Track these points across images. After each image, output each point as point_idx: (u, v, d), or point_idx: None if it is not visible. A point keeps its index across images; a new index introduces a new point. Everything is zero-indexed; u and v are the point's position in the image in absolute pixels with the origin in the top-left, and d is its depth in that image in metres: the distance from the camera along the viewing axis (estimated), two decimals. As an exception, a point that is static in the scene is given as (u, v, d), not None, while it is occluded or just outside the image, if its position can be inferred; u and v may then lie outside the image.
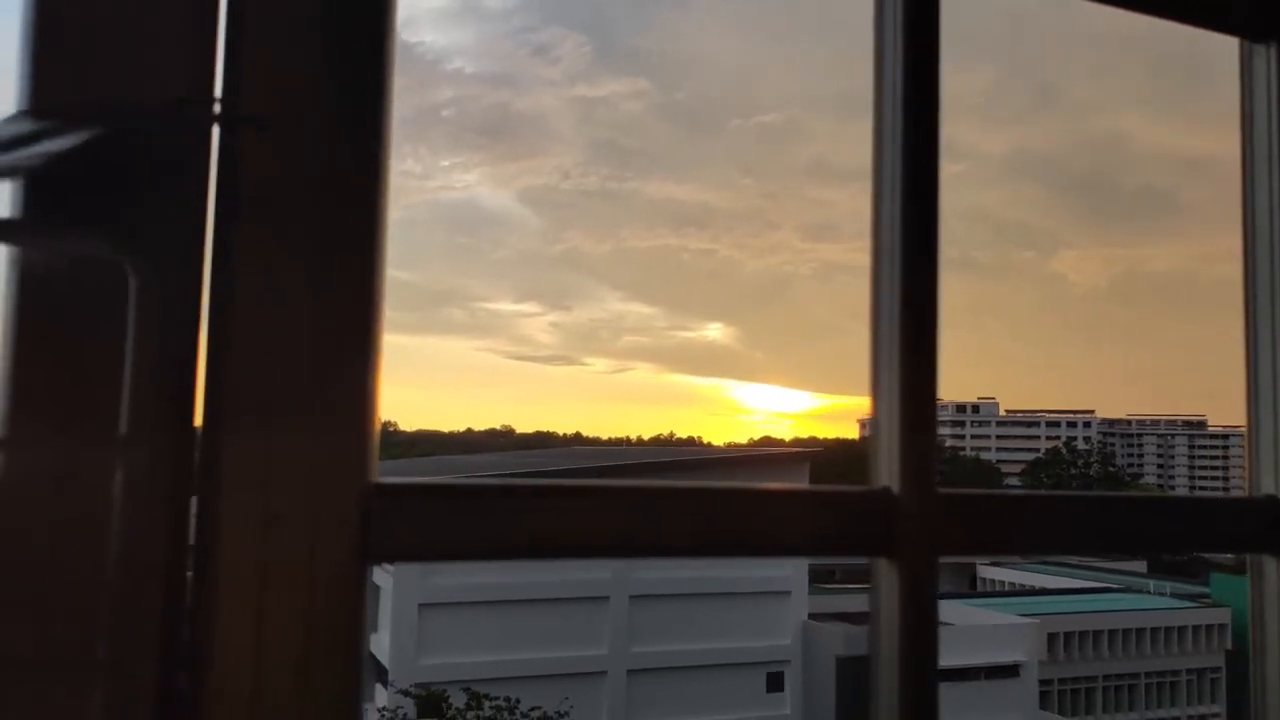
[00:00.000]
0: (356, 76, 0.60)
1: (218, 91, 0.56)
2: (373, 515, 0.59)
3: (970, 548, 0.81)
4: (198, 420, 0.55)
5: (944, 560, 0.79)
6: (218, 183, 0.57)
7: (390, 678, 15.76)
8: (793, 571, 20.46)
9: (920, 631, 0.74)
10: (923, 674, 0.75)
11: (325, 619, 0.57)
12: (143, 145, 0.53)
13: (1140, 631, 25.12)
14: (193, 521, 0.55)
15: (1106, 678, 24.92)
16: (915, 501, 0.75)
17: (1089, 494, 0.86)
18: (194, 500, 0.55)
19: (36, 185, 0.50)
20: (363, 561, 0.58)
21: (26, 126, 0.49)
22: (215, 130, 0.55)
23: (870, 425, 0.80)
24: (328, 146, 0.58)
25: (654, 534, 0.68)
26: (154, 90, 0.54)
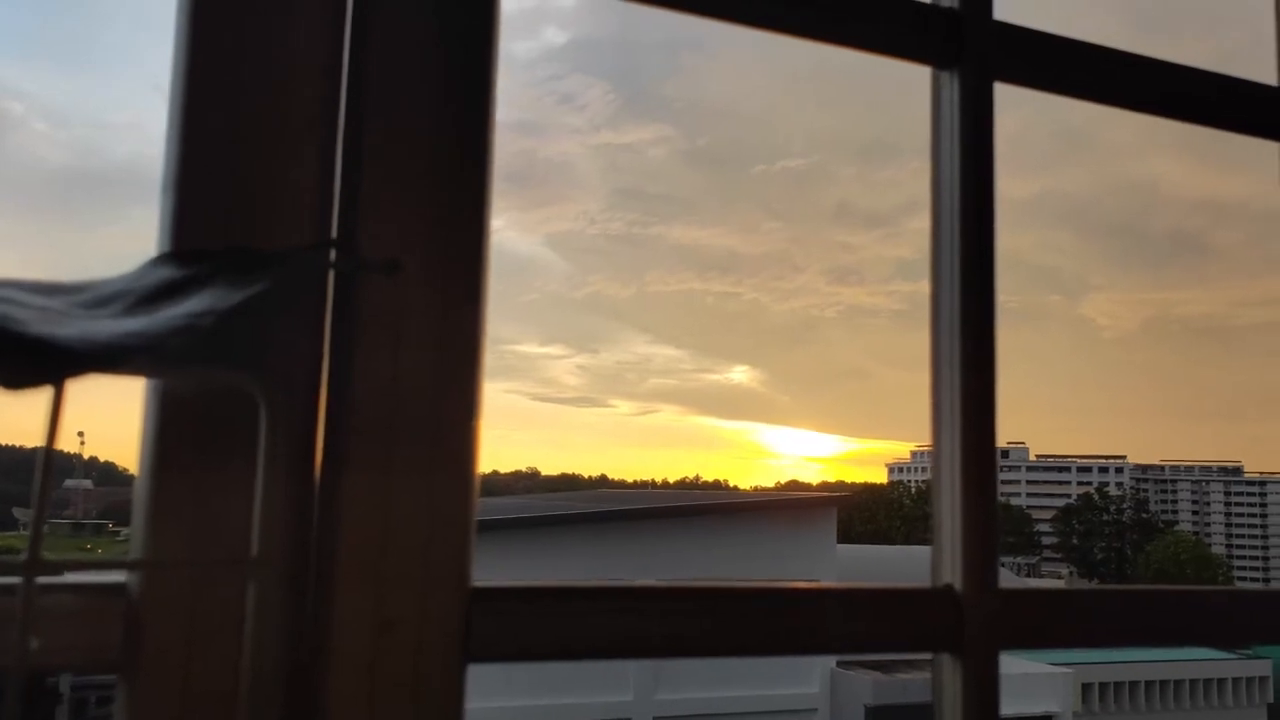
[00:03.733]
0: (463, 207, 0.65)
1: (334, 231, 0.61)
2: (473, 617, 0.63)
3: (1031, 642, 0.83)
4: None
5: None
6: (334, 310, 0.61)
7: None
8: (821, 619, 20.17)
9: (984, 725, 0.77)
10: (986, 767, 0.77)
11: (431, 716, 0.60)
12: (276, 285, 0.58)
13: (1179, 683, 24.56)
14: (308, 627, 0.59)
15: (1144, 731, 24.34)
16: (978, 599, 0.78)
17: (1150, 588, 0.88)
18: (311, 611, 0.59)
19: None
20: (464, 662, 0.62)
21: (171, 273, 0.54)
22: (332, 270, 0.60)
23: (933, 522, 0.83)
24: (438, 275, 0.63)
25: (733, 632, 0.71)
26: (280, 234, 0.59)
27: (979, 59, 0.84)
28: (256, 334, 0.58)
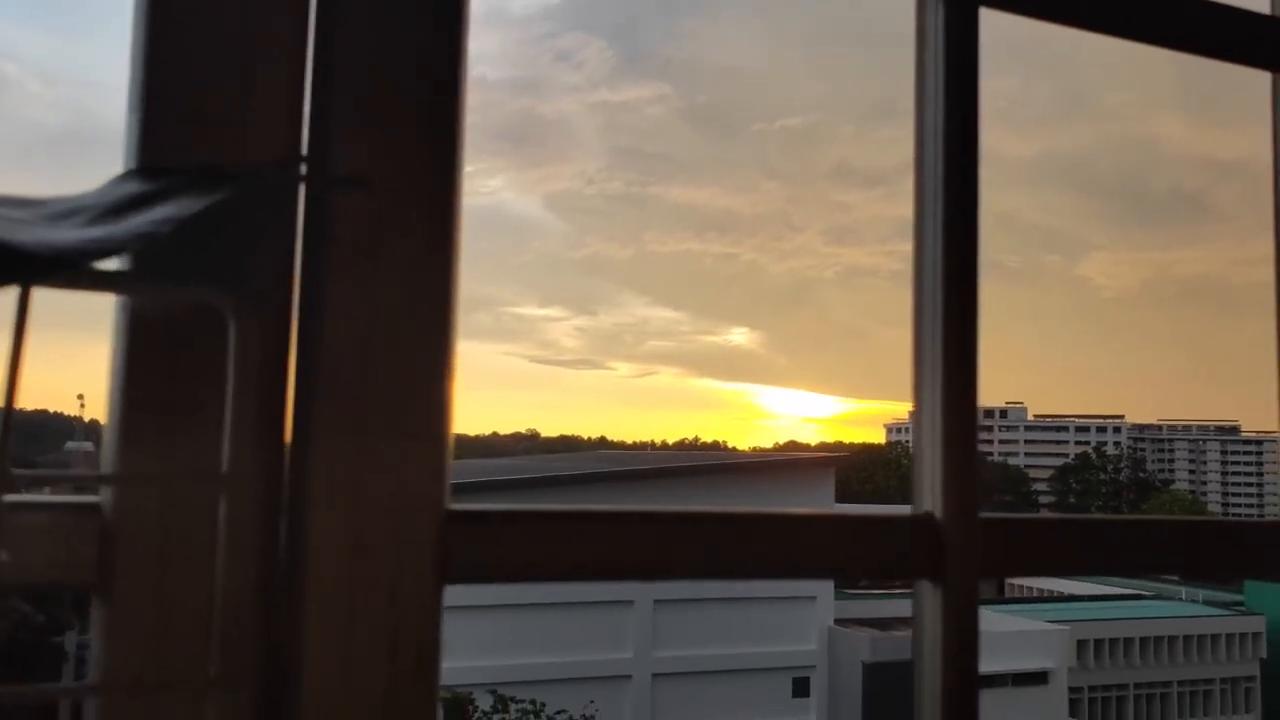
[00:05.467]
0: (434, 124, 0.64)
1: (305, 145, 0.61)
2: (450, 539, 0.63)
3: (1010, 570, 0.84)
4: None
5: (984, 581, 0.82)
6: (305, 225, 0.61)
7: (417, 681, 15.86)
8: (818, 577, 20.37)
9: (962, 651, 0.77)
10: (965, 692, 0.78)
11: (408, 638, 0.61)
12: (240, 203, 0.57)
13: (1173, 639, 24.85)
14: (283, 545, 0.59)
15: (1138, 686, 24.66)
16: (958, 526, 0.78)
17: (1126, 517, 0.89)
18: (284, 527, 0.59)
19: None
20: (441, 583, 0.62)
21: (136, 187, 0.54)
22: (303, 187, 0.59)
23: (913, 450, 0.83)
24: (409, 191, 0.62)
25: (713, 557, 0.71)
26: (251, 148, 0.59)
27: (964, -18, 0.83)
28: (225, 252, 0.58)
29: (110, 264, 0.55)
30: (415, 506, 0.61)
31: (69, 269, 0.44)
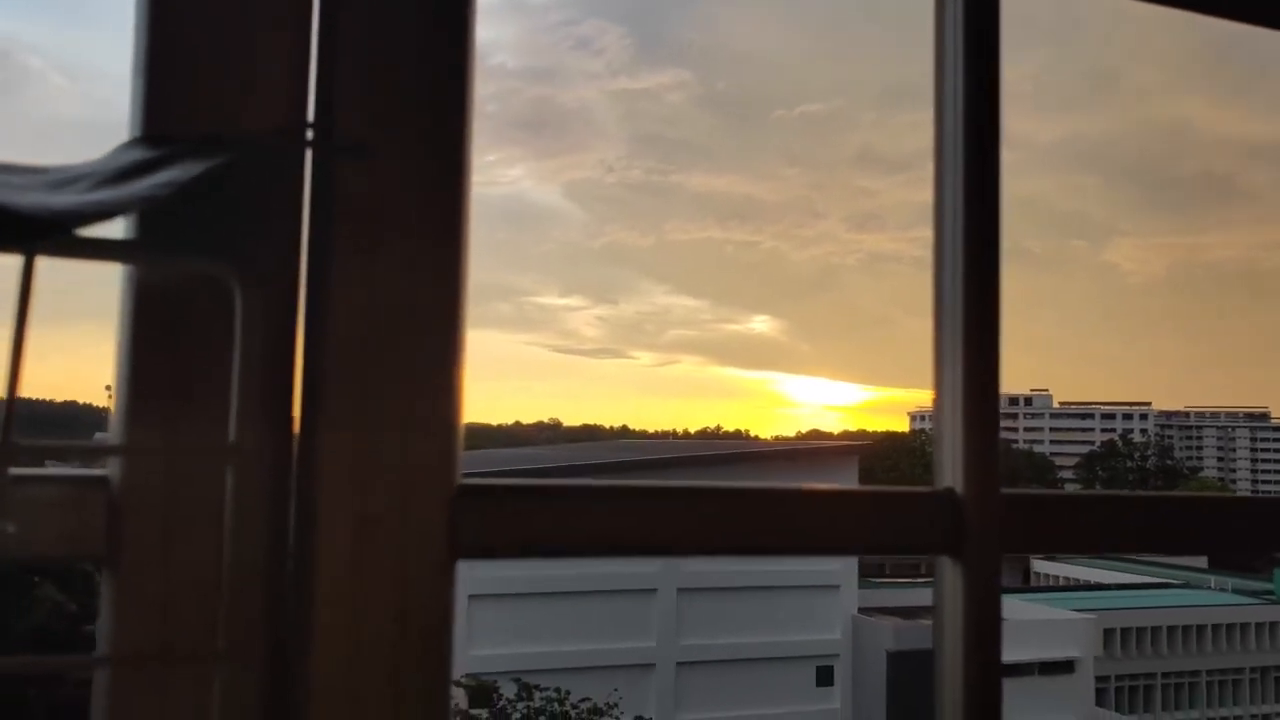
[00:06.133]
0: (440, 96, 0.63)
1: (310, 116, 0.60)
2: (460, 515, 0.62)
3: (1031, 546, 0.82)
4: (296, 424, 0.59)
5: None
6: (311, 200, 0.60)
7: (442, 668, 15.94)
8: (842, 566, 20.36)
9: (984, 628, 0.76)
10: (987, 670, 0.76)
11: (417, 614, 0.60)
12: (244, 170, 0.56)
13: (1201, 628, 24.61)
14: (292, 520, 0.58)
15: (1166, 675, 24.44)
16: (979, 502, 0.76)
17: (1148, 494, 0.87)
18: (292, 501, 0.58)
19: (150, 209, 0.54)
20: (452, 559, 0.61)
21: (139, 155, 0.53)
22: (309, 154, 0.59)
23: (934, 426, 0.81)
24: (415, 163, 0.62)
25: (728, 532, 0.70)
26: (254, 119, 0.58)
27: (984, -54, 0.81)
28: (231, 223, 0.57)
29: (116, 233, 0.55)
30: (425, 481, 0.61)
31: (66, 231, 0.43)
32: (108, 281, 0.58)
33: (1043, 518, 0.81)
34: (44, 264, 0.49)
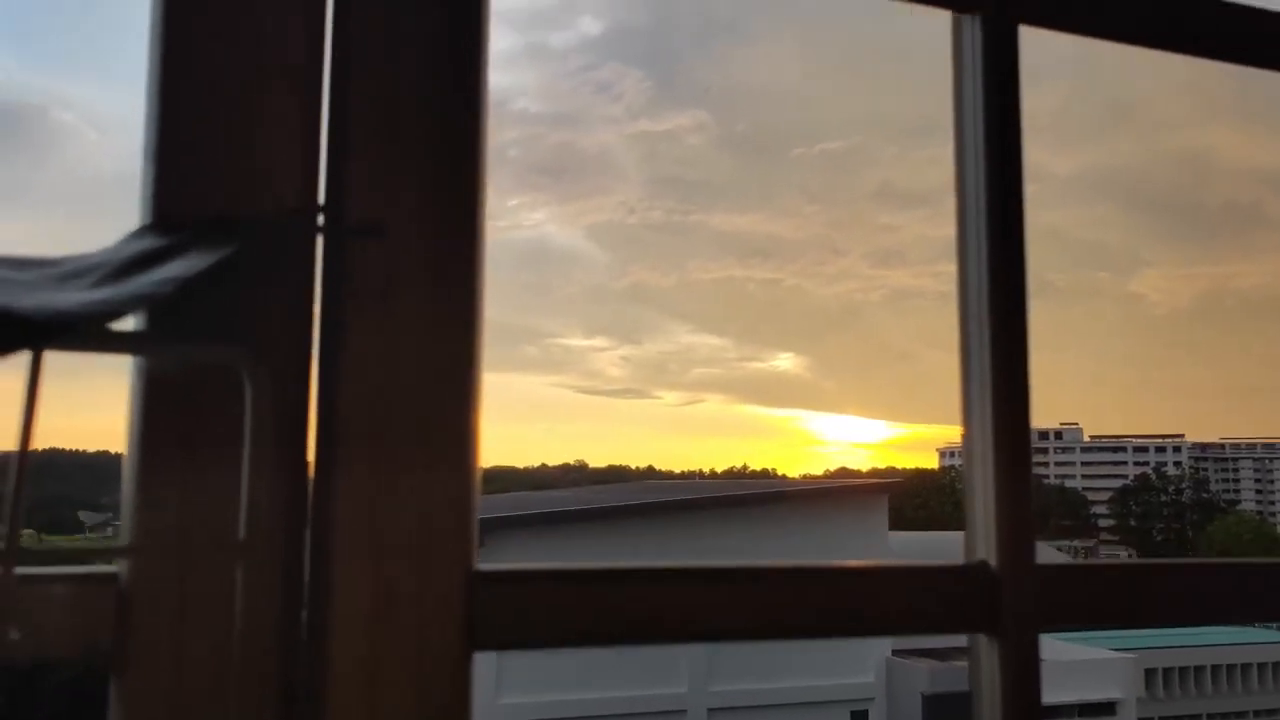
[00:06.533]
0: (452, 171, 0.62)
1: (321, 198, 0.59)
2: (477, 603, 0.60)
3: (1071, 620, 0.79)
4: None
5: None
6: (323, 281, 0.59)
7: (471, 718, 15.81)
8: (874, 606, 19.96)
9: (1024, 709, 0.73)
10: (1029, 751, 0.73)
11: (434, 711, 0.58)
12: (255, 253, 0.55)
13: (1246, 666, 23.97)
14: (305, 616, 0.57)
15: (1211, 716, 23.80)
16: (1014, 576, 0.73)
17: (1197, 560, 0.84)
18: (305, 595, 0.57)
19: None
20: (469, 651, 0.59)
21: (149, 244, 0.52)
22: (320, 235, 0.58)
23: (964, 493, 0.79)
24: (428, 241, 0.60)
25: (755, 615, 0.68)
26: (265, 201, 0.57)
27: (1001, 0, 0.80)
28: (240, 307, 0.56)
29: (125, 323, 0.54)
30: (440, 571, 0.59)
31: (69, 334, 0.42)
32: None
33: (1081, 590, 0.78)
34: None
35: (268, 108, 0.58)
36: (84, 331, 0.45)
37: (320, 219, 0.57)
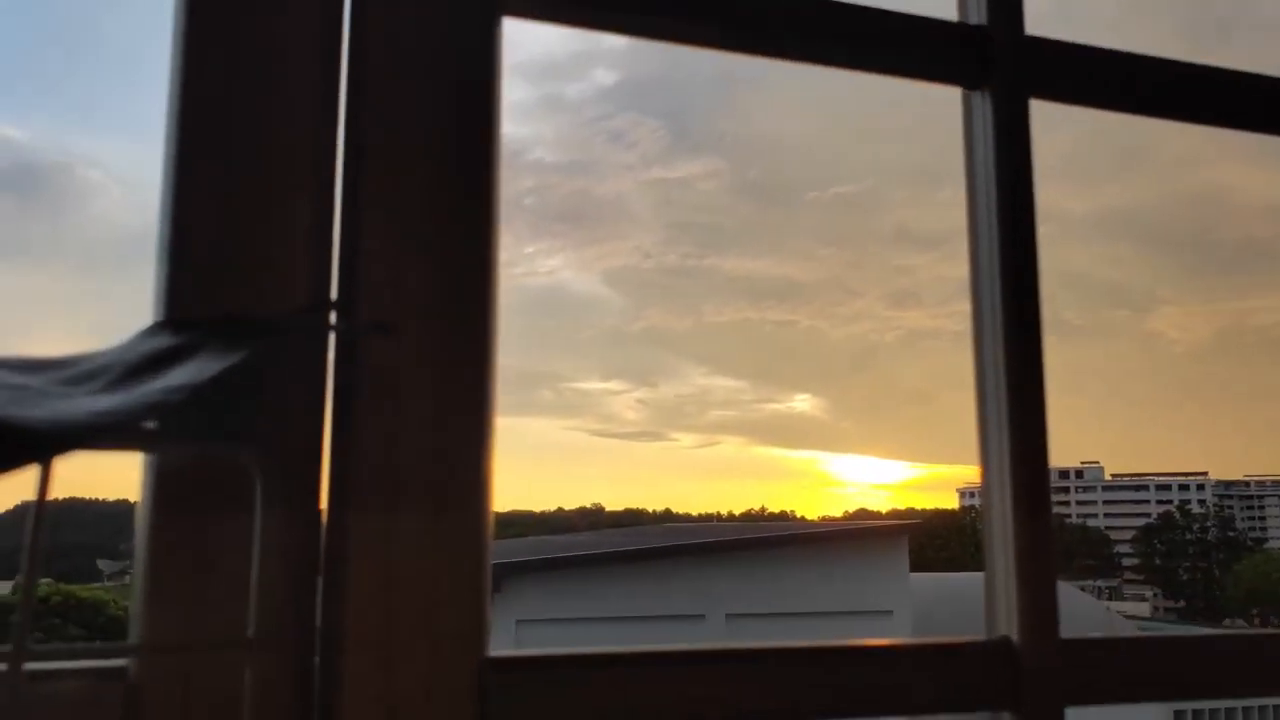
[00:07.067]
0: (464, 265, 0.62)
1: (334, 294, 0.59)
2: (489, 690, 0.59)
3: (1096, 697, 0.77)
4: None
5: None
6: (335, 375, 0.59)
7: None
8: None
9: (1051, 791, 0.71)
10: (1056, 835, 0.71)
11: (445, 805, 0.57)
12: (267, 353, 0.56)
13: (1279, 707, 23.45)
14: (316, 714, 0.56)
15: (1243, 760, 23.22)
16: (1037, 651, 0.72)
17: (1231, 632, 0.82)
18: (316, 690, 0.56)
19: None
20: (480, 742, 0.59)
21: (161, 343, 0.52)
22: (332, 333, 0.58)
23: (986, 567, 0.78)
24: (442, 337, 0.61)
25: (773, 696, 0.67)
26: (277, 298, 0.57)
27: (1010, 77, 0.80)
28: (251, 405, 0.56)
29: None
30: (453, 660, 0.58)
31: (75, 447, 0.42)
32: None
33: (1107, 665, 0.77)
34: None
35: (280, 205, 0.59)
36: (82, 447, 0.45)
37: (333, 317, 0.58)
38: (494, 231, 0.63)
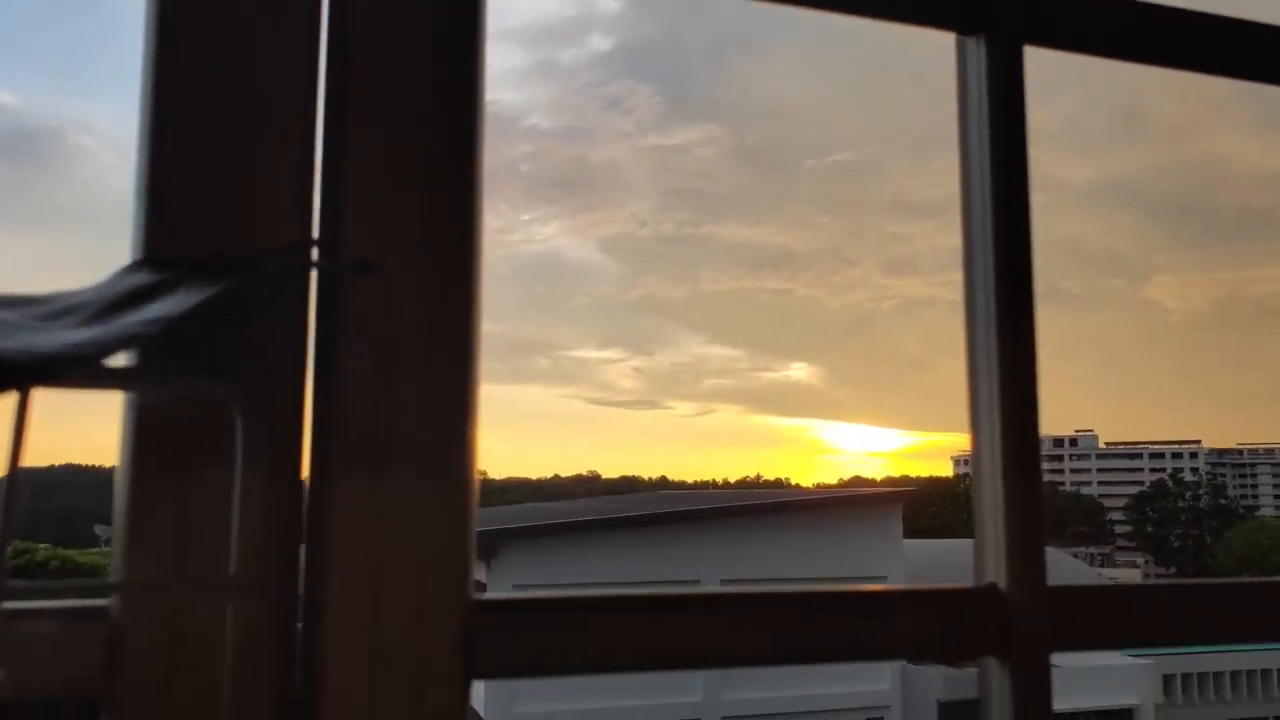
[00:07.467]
0: (449, 202, 0.61)
1: (315, 233, 0.58)
2: (476, 634, 0.59)
3: (1083, 643, 0.78)
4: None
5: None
6: (317, 316, 0.58)
7: (486, 728, 15.80)
8: (889, 615, 19.86)
9: (1036, 736, 0.71)
10: (1040, 779, 0.71)
11: (431, 744, 0.57)
12: (247, 290, 0.55)
13: (1267, 673, 23.72)
14: (299, 651, 0.56)
15: (1230, 723, 23.54)
16: (1025, 598, 0.72)
17: (1213, 581, 0.82)
18: (299, 631, 0.56)
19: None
20: (468, 680, 0.59)
21: (139, 280, 0.52)
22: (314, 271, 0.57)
23: (975, 515, 0.77)
24: (425, 274, 0.60)
25: (754, 642, 0.67)
26: (259, 237, 0.56)
27: (1005, 22, 0.79)
28: (232, 342, 0.55)
29: (116, 359, 0.54)
30: (438, 603, 0.58)
31: (52, 376, 0.41)
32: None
33: (1094, 612, 0.77)
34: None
35: (261, 143, 0.58)
36: (59, 375, 0.45)
37: (315, 255, 0.57)
38: (478, 174, 0.62)
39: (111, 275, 0.54)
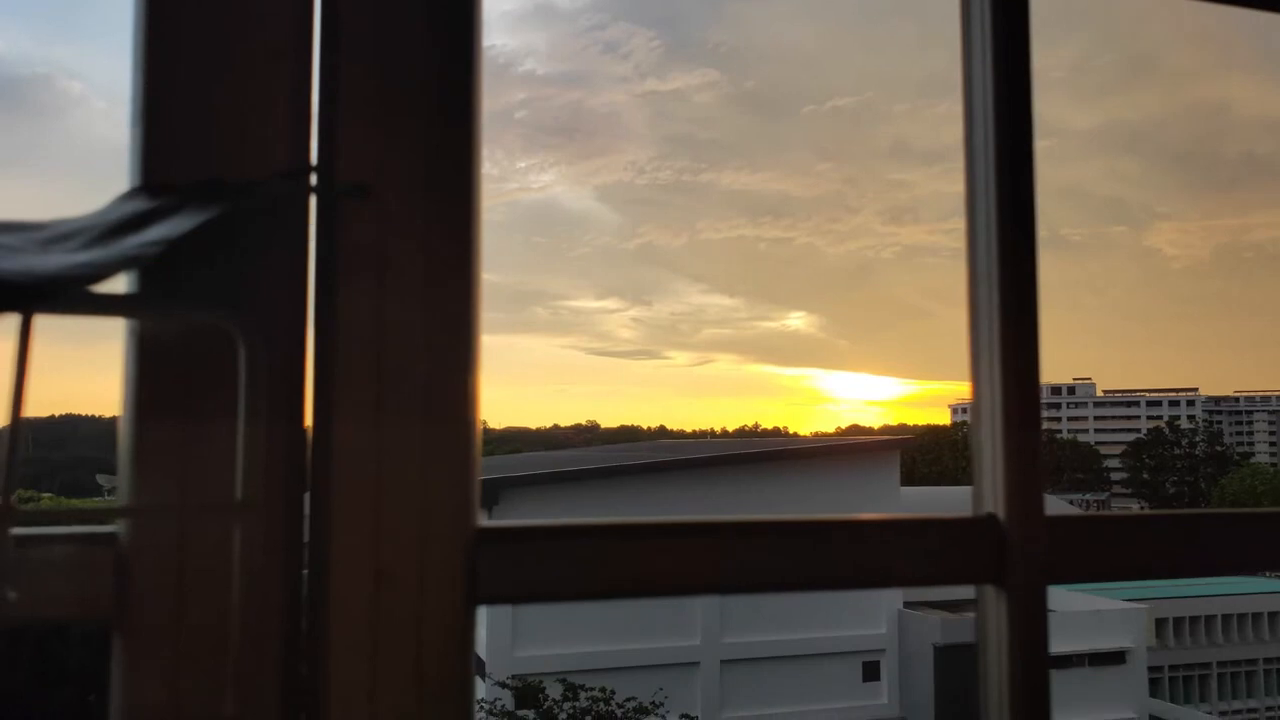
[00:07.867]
0: (446, 131, 0.61)
1: (313, 159, 0.58)
2: (479, 560, 0.60)
3: (1079, 574, 0.78)
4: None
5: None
6: (316, 242, 0.58)
7: (487, 670, 16.06)
8: (886, 560, 20.08)
9: (1031, 661, 0.72)
10: (1036, 703, 0.73)
11: (436, 663, 0.58)
12: (246, 216, 0.55)
13: (1257, 616, 24.07)
14: (306, 574, 0.57)
15: (1221, 664, 23.95)
16: (1022, 528, 0.73)
17: (1209, 511, 0.83)
18: (306, 554, 0.57)
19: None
20: (471, 605, 0.59)
21: (137, 206, 0.51)
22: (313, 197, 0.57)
23: (972, 443, 0.78)
24: (423, 201, 0.60)
25: (755, 569, 0.68)
26: (256, 163, 0.56)
27: (1011, -53, 0.77)
28: (232, 270, 0.55)
29: (117, 286, 0.53)
30: (442, 528, 0.59)
31: (52, 297, 0.41)
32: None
33: (1090, 542, 0.78)
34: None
35: (258, 69, 0.57)
36: (71, 294, 0.45)
37: (313, 180, 0.56)
38: (477, 107, 0.62)
39: (110, 202, 0.54)
